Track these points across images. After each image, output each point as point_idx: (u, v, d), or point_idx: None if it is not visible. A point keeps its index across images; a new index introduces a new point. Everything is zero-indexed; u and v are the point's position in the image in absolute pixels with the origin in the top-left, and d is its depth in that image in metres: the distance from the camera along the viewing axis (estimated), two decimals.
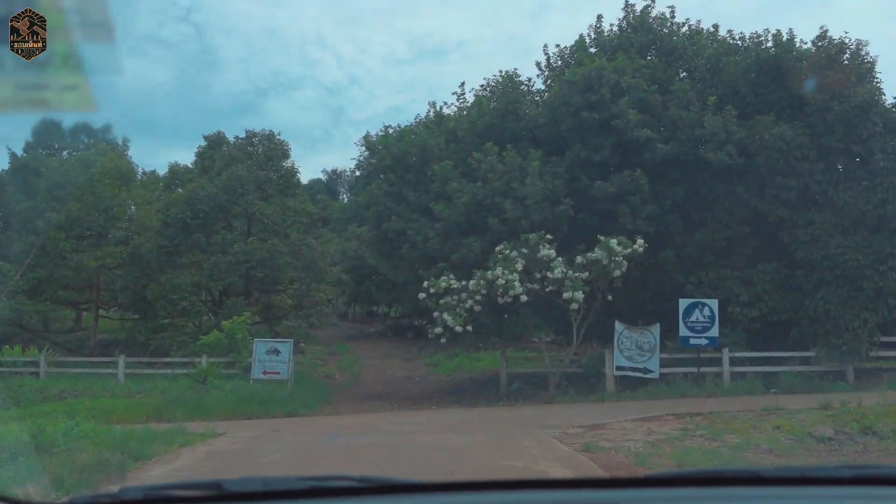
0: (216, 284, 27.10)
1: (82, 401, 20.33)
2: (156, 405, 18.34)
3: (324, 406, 19.87)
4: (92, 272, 32.57)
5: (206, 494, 2.08)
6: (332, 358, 37.25)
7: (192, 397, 19.26)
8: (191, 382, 21.48)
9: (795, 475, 2.39)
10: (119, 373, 23.75)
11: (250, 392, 20.03)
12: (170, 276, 27.54)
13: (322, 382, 25.19)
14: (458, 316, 18.49)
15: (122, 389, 21.78)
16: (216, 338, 23.62)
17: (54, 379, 23.79)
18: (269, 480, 2.13)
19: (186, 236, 27.58)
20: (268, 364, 22.55)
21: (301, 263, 29.22)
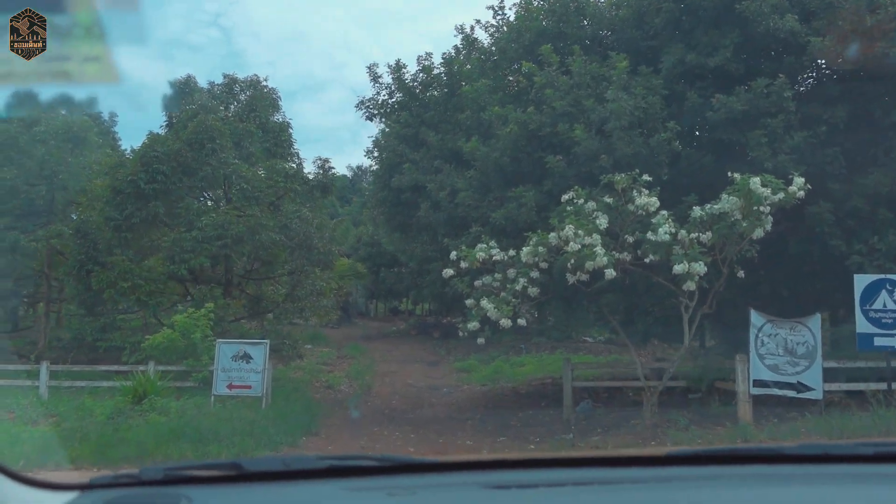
0: (179, 268, 21.56)
1: None
2: (45, 440, 12.85)
3: (305, 439, 14.18)
4: (39, 257, 27.34)
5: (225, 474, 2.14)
6: (341, 362, 31.95)
7: (113, 426, 13.72)
8: (123, 402, 15.99)
9: (818, 452, 2.39)
10: (41, 385, 18.34)
11: (200, 418, 14.45)
12: (120, 259, 22.06)
13: (312, 399, 19.56)
14: (503, 303, 12.66)
15: (33, 410, 16.34)
16: (167, 338, 18.11)
17: None
18: (289, 460, 2.18)
19: (141, 206, 22.07)
20: (235, 374, 17.01)
21: (293, 241, 23.57)
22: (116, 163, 23.24)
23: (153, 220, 22.63)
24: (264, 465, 2.21)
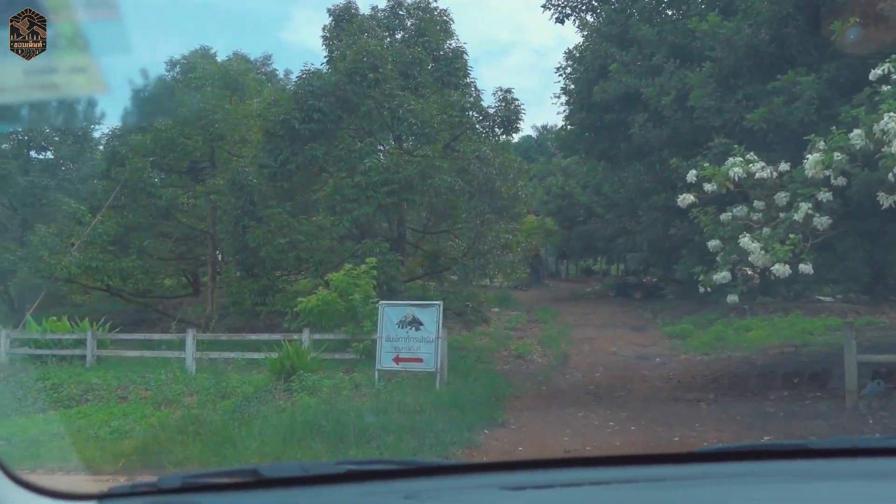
0: (341, 220, 19.21)
1: (103, 408, 13.36)
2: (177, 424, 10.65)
3: (486, 433, 11.06)
4: (199, 213, 26.29)
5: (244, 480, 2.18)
6: (531, 327, 28.89)
7: (241, 414, 11.31)
8: (268, 378, 13.74)
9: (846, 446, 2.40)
10: (187, 357, 16.61)
11: (354, 402, 11.82)
12: (276, 212, 20.06)
13: (499, 375, 16.50)
14: (775, 241, 8.76)
15: (173, 387, 14.48)
16: (322, 300, 15.71)
17: (105, 366, 17.25)
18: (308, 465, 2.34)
19: (296, 149, 19.89)
20: (403, 344, 14.30)
21: (472, 186, 20.55)
22: (269, 102, 21.19)
23: (311, 165, 20.42)
24: (282, 472, 2.25)
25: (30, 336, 18.87)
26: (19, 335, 19.09)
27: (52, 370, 16.28)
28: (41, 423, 12.70)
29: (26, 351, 18.64)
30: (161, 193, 23.47)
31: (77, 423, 12.25)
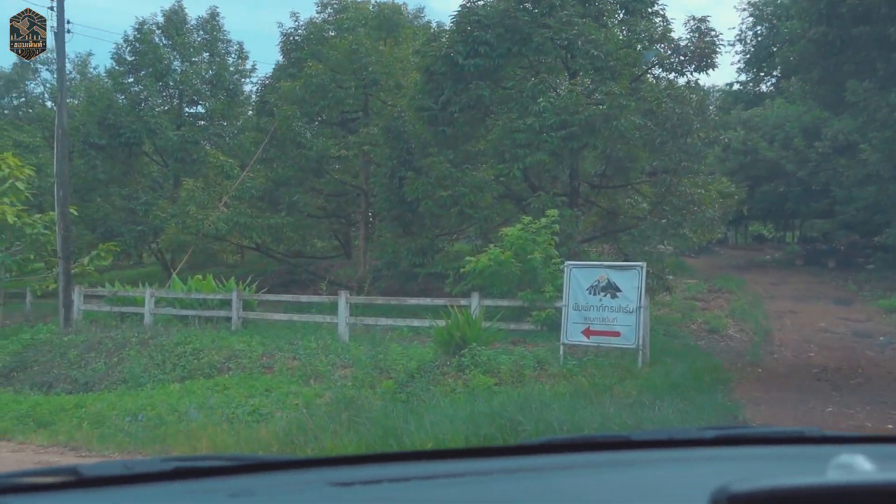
0: (510, 168, 16.86)
1: (245, 380, 11.79)
2: (327, 409, 8.74)
3: (722, 418, 8.44)
4: (351, 168, 24.69)
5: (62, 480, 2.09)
6: (714, 297, 25.71)
7: (419, 393, 9.26)
8: (435, 350, 11.67)
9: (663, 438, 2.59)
10: (340, 323, 14.83)
11: (538, 383, 9.52)
12: (437, 161, 17.93)
13: (700, 352, 13.84)
14: None
15: (322, 356, 12.68)
16: (494, 261, 13.45)
17: (251, 330, 15.81)
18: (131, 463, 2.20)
19: (460, 89, 17.67)
20: (595, 315, 11.84)
21: (665, 129, 17.64)
22: (428, 36, 19.02)
23: (476, 107, 18.14)
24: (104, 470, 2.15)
25: (174, 295, 17.77)
26: (164, 294, 18.02)
27: (194, 333, 14.95)
28: (176, 395, 11.19)
29: (170, 311, 17.57)
30: (311, 144, 21.89)
31: (214, 397, 10.61)
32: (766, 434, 2.74)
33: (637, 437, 2.57)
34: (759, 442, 2.62)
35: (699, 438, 2.55)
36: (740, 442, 2.60)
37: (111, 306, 18.56)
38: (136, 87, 28.47)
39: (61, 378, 14.40)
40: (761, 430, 2.92)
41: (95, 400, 11.81)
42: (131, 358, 14.06)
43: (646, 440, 2.57)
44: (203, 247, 22.84)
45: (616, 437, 2.90)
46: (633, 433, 2.77)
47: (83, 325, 17.75)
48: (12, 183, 19.26)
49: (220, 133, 29.33)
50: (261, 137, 23.86)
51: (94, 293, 19.80)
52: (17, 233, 19.05)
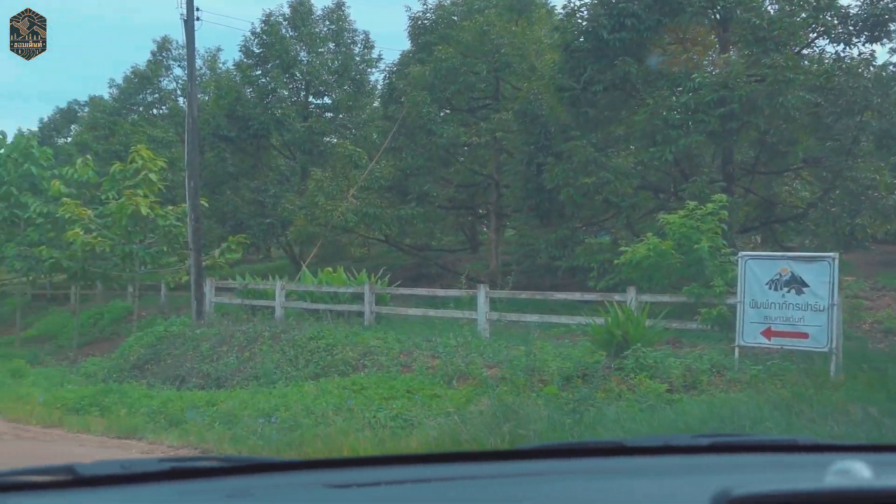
0: (662, 151, 15.47)
1: (384, 380, 11.04)
2: (483, 417, 7.80)
3: None
4: (479, 159, 23.77)
5: (58, 479, 2.10)
6: (879, 296, 23.33)
7: (587, 401, 8.17)
8: (594, 351, 10.57)
9: (657, 444, 2.59)
10: (479, 319, 13.89)
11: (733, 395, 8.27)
12: (579, 145, 16.70)
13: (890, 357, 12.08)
14: None
15: (475, 352, 11.77)
16: (653, 251, 12.18)
17: (385, 325, 15.13)
18: (127, 463, 2.20)
19: (603, 66, 16.41)
20: (777, 313, 10.44)
21: (838, 105, 15.83)
22: (568, 11, 17.79)
23: (622, 85, 16.82)
24: (100, 470, 2.14)
25: (304, 289, 17.30)
26: (295, 287, 17.58)
27: (326, 328, 14.32)
28: (311, 395, 10.48)
29: (301, 305, 17.09)
30: (442, 131, 21.05)
31: (352, 398, 9.83)
32: (761, 442, 2.77)
33: (631, 444, 2.59)
34: (755, 450, 2.62)
35: (694, 446, 2.58)
36: (735, 450, 2.62)
37: (242, 299, 18.30)
38: (264, 80, 28.46)
39: (193, 372, 14.07)
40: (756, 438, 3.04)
41: (227, 397, 11.30)
42: (263, 353, 13.55)
43: (640, 447, 2.58)
44: (331, 239, 22.41)
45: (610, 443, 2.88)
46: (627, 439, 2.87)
47: (215, 317, 17.55)
48: (145, 175, 19.29)
49: (346, 124, 28.99)
50: (389, 126, 23.24)
51: (225, 286, 19.65)
52: (150, 225, 19.06)
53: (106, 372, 15.41)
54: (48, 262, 20.30)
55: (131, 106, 36.16)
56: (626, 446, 2.57)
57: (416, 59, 23.09)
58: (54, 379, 15.68)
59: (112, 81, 37.22)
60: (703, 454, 2.50)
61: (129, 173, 19.54)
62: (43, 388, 14.32)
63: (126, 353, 16.13)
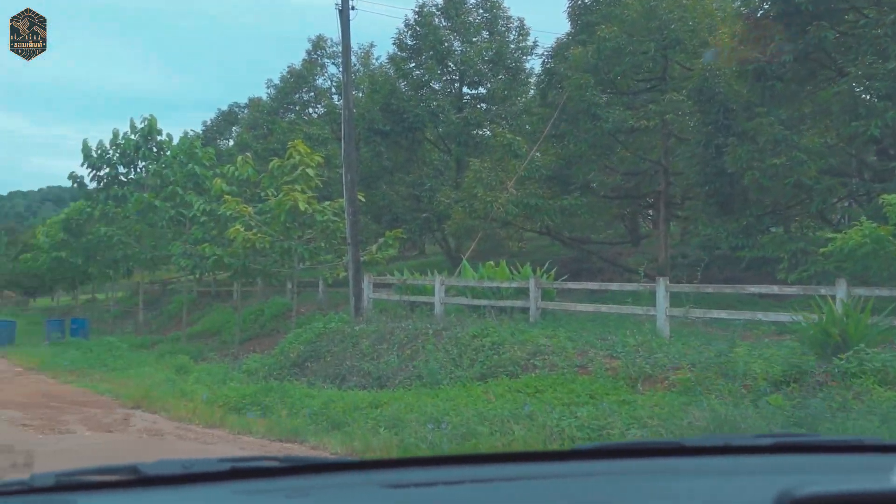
0: (866, 127, 13.68)
1: (559, 382, 10.16)
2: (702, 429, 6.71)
3: None
4: (644, 145, 22.33)
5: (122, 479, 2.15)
6: None
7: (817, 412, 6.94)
8: (804, 351, 9.21)
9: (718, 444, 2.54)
10: (658, 314, 12.67)
11: None
12: (765, 122, 15.10)
13: None
14: None
15: (659, 352, 10.61)
16: (870, 237, 10.58)
17: (552, 322, 14.15)
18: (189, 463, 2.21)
19: (794, 33, 14.72)
20: None
21: None
22: None
23: (815, 54, 15.08)
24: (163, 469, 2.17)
25: (465, 284, 16.58)
26: (455, 282, 16.90)
27: (490, 325, 13.50)
28: (481, 398, 9.66)
29: (461, 301, 16.39)
30: (607, 116, 19.82)
31: (528, 403, 8.92)
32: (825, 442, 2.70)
33: (691, 444, 2.56)
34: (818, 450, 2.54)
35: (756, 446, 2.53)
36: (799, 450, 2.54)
37: (400, 295, 17.83)
38: (418, 72, 28.15)
39: (354, 371, 13.62)
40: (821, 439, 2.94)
41: (391, 399, 10.66)
42: (426, 352, 12.90)
43: (700, 447, 2.54)
44: (490, 232, 21.66)
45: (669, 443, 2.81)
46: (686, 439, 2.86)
47: (373, 314, 17.15)
48: (303, 170, 19.18)
49: (502, 114, 28.21)
50: (547, 113, 22.23)
51: (383, 281, 19.28)
52: (308, 220, 18.94)
53: (267, 369, 15.26)
54: (211, 260, 20.60)
55: (288, 105, 36.95)
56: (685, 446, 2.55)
57: (577, 41, 21.97)
58: (217, 376, 15.69)
59: (269, 82, 38.18)
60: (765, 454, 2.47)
61: (287, 169, 19.53)
62: (206, 386, 14.29)
63: (286, 351, 15.95)
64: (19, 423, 10.98)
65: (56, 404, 13.10)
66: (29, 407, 12.63)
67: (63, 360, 19.28)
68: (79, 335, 24.92)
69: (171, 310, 30.97)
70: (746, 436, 3.19)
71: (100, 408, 12.75)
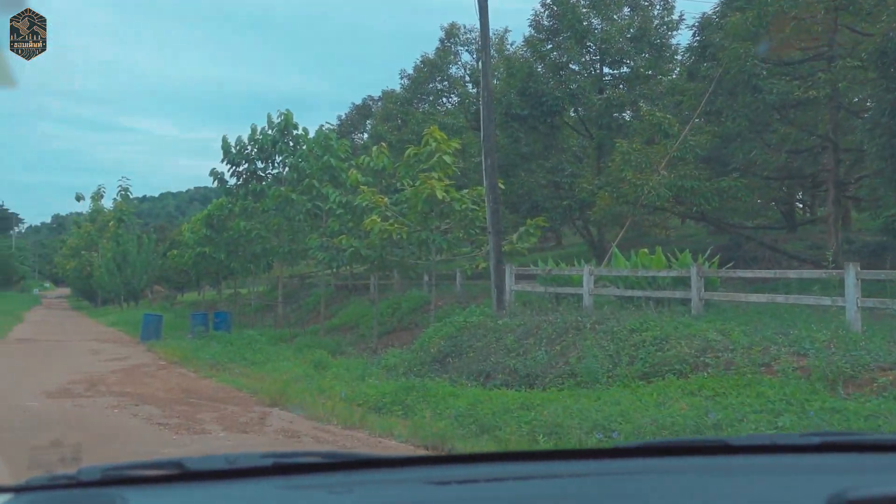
0: None
1: (740, 383, 8.91)
2: None
3: None
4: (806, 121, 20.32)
5: (167, 473, 2.19)
6: None
7: None
8: None
9: (765, 443, 2.52)
10: (849, 306, 11.05)
11: None
12: None
13: None
14: None
15: (860, 350, 9.11)
16: None
17: (718, 315, 12.74)
18: (232, 457, 2.23)
19: None
20: None
21: None
22: None
23: None
24: (208, 464, 2.22)
25: (616, 273, 15.32)
26: (606, 272, 15.67)
27: (649, 318, 12.22)
28: (651, 401, 8.48)
29: (612, 292, 15.16)
30: (771, 87, 17.99)
31: (713, 410, 7.66)
32: (875, 441, 2.63)
33: (736, 443, 2.51)
34: (870, 449, 2.45)
35: (804, 445, 2.47)
36: (849, 449, 2.46)
37: (545, 287, 16.76)
38: (556, 53, 26.89)
39: (499, 367, 12.66)
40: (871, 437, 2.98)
41: (544, 400, 9.63)
42: (579, 347, 11.78)
43: (746, 445, 2.49)
44: (637, 219, 20.24)
45: (714, 441, 2.66)
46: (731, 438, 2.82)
47: (516, 307, 16.17)
48: (440, 157, 18.41)
49: (646, 94, 26.53)
50: (700, 88, 20.54)
51: (525, 272, 18.26)
52: (445, 209, 18.14)
53: (406, 365, 14.54)
54: (349, 252, 20.15)
55: (421, 96, 36.42)
56: (730, 445, 2.47)
57: (734, 7, 20.14)
58: (355, 371, 15.10)
59: (403, 72, 37.75)
60: (813, 453, 2.39)
61: (423, 156, 18.82)
62: (344, 382, 13.70)
63: (426, 345, 15.20)
64: (156, 421, 10.63)
65: (194, 400, 12.79)
66: (168, 403, 12.36)
67: (205, 354, 19.28)
68: (222, 329, 25.16)
69: (309, 303, 31.05)
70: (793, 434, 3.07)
71: (237, 405, 12.34)
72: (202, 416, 11.12)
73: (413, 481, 2.23)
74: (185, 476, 2.15)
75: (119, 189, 55.36)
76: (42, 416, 11.16)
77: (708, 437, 5.97)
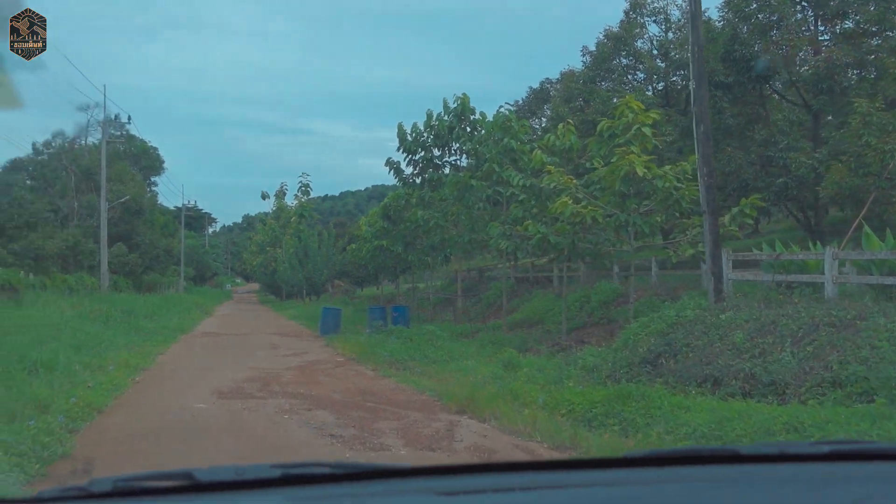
0: None
1: None
2: None
3: None
4: None
5: (177, 485, 2.20)
6: None
7: None
8: None
9: (774, 452, 2.48)
10: None
11: None
12: None
13: None
14: None
15: None
16: None
17: None
18: (241, 469, 2.22)
19: None
20: None
21: None
22: None
23: None
24: (217, 475, 2.20)
25: (867, 257, 12.56)
26: (857, 256, 12.94)
27: None
28: None
29: (864, 280, 12.45)
30: None
31: None
32: (887, 450, 2.56)
33: (746, 452, 2.49)
34: (880, 458, 2.41)
35: (813, 454, 2.46)
36: (859, 458, 2.43)
37: (772, 274, 14.19)
38: (761, 14, 23.82)
39: (730, 371, 10.36)
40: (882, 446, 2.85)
41: (816, 419, 7.32)
42: (845, 349, 9.32)
43: (755, 454, 2.47)
44: (883, 193, 17.01)
45: (723, 450, 2.66)
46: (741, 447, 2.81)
47: (736, 298, 13.74)
48: (638, 129, 16.19)
49: (872, 52, 22.92)
50: None
51: (742, 258, 15.73)
52: (646, 188, 15.90)
53: (610, 366, 12.47)
54: (535, 239, 18.30)
55: (605, 73, 33.97)
56: (740, 454, 2.44)
57: None
58: (550, 373, 13.19)
59: (585, 49, 35.40)
60: (823, 462, 2.35)
61: (619, 130, 16.66)
62: (539, 385, 11.83)
63: (631, 343, 13.08)
64: (329, 431, 9.19)
65: (372, 404, 11.36)
66: (343, 408, 10.99)
67: (383, 351, 18.06)
68: (400, 323, 24.04)
69: (489, 297, 29.54)
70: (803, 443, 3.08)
71: (420, 411, 10.78)
72: (380, 425, 9.61)
73: (422, 492, 2.21)
74: (196, 487, 2.13)
75: (300, 185, 56.60)
76: (203, 421, 10.05)
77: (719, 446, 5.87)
